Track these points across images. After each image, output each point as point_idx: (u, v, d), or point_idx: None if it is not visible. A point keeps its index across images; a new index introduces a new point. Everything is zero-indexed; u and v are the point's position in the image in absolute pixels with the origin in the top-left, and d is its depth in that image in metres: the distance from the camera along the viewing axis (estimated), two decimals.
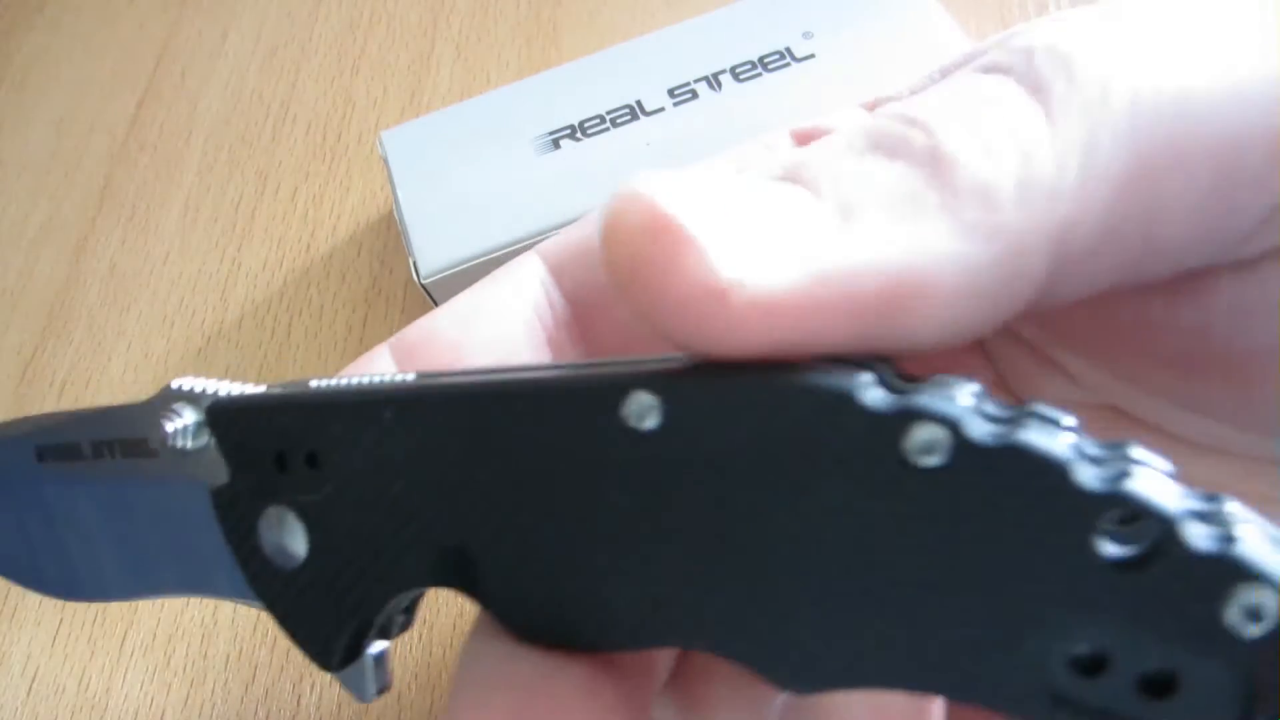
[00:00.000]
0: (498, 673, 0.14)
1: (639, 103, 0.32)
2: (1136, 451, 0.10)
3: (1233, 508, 0.10)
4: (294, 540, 0.15)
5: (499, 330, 0.17)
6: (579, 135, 0.32)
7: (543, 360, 0.17)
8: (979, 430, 0.10)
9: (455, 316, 0.17)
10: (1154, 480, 0.10)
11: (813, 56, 0.32)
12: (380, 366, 0.17)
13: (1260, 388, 0.16)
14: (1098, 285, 0.14)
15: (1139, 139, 0.12)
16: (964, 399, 0.11)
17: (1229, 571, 0.09)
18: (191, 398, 0.16)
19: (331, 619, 0.15)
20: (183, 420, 0.16)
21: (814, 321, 0.11)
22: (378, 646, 0.16)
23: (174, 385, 0.16)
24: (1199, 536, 0.10)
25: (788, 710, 0.12)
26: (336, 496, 0.14)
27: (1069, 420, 0.10)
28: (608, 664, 0.14)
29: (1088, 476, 0.10)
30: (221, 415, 0.16)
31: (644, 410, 0.12)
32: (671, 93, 0.32)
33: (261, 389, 0.15)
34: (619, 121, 0.32)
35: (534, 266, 0.18)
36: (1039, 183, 0.12)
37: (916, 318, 0.11)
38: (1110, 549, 0.10)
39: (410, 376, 0.14)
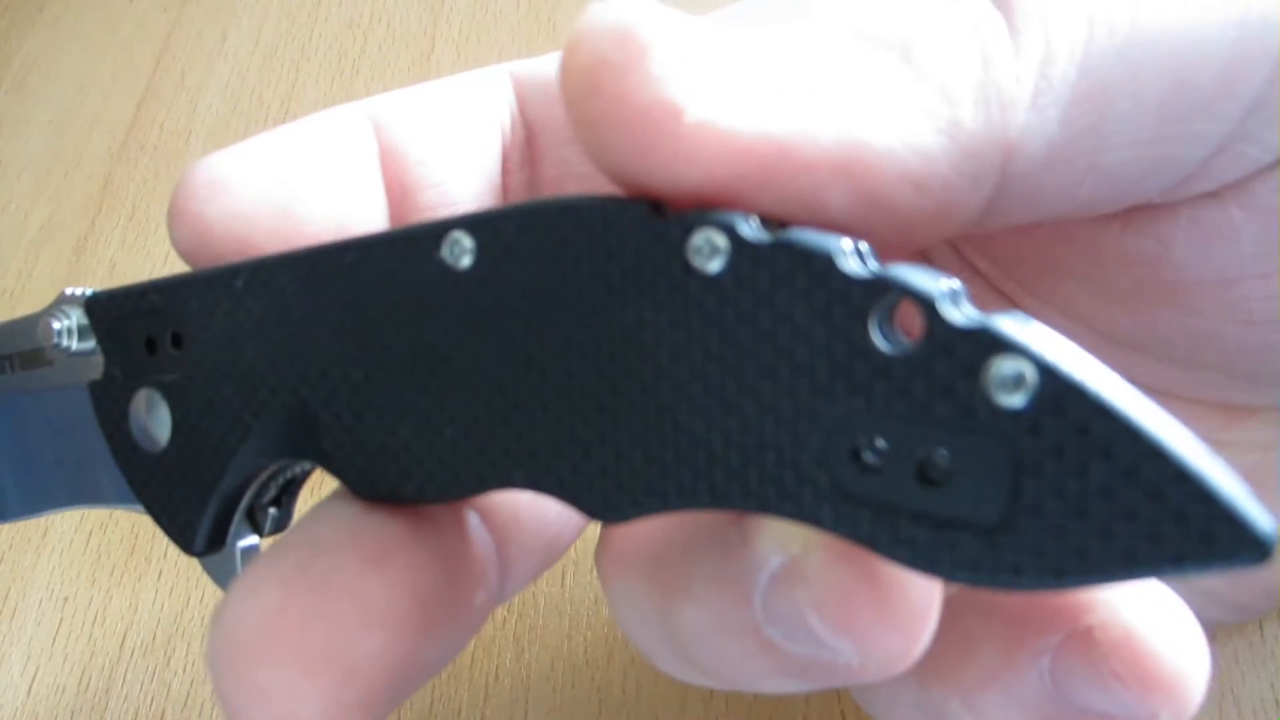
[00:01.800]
0: (302, 534, 0.14)
1: None
2: (921, 268, 0.11)
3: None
4: (159, 421, 0.15)
5: (466, 152, 0.17)
6: None
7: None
8: (755, 231, 0.11)
9: (425, 136, 0.17)
10: (920, 272, 0.10)
11: None
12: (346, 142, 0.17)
13: (1211, 320, 0.16)
14: (1042, 211, 0.14)
15: (1091, 59, 0.12)
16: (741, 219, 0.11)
17: (988, 342, 0.10)
18: (78, 300, 0.16)
19: (194, 499, 0.15)
20: (69, 321, 0.16)
21: (759, 168, 0.11)
22: (247, 540, 0.16)
23: (66, 292, 0.17)
24: (960, 314, 0.10)
25: (770, 590, 0.12)
26: (195, 372, 0.15)
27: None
28: (417, 538, 0.14)
29: (856, 266, 0.10)
30: (97, 306, 0.16)
31: (459, 248, 0.13)
32: None
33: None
34: None
35: (504, 87, 0.18)
36: (996, 89, 0.12)
37: (861, 194, 0.11)
38: (883, 340, 0.10)
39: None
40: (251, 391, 0.15)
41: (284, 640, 0.13)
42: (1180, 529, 0.09)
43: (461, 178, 0.17)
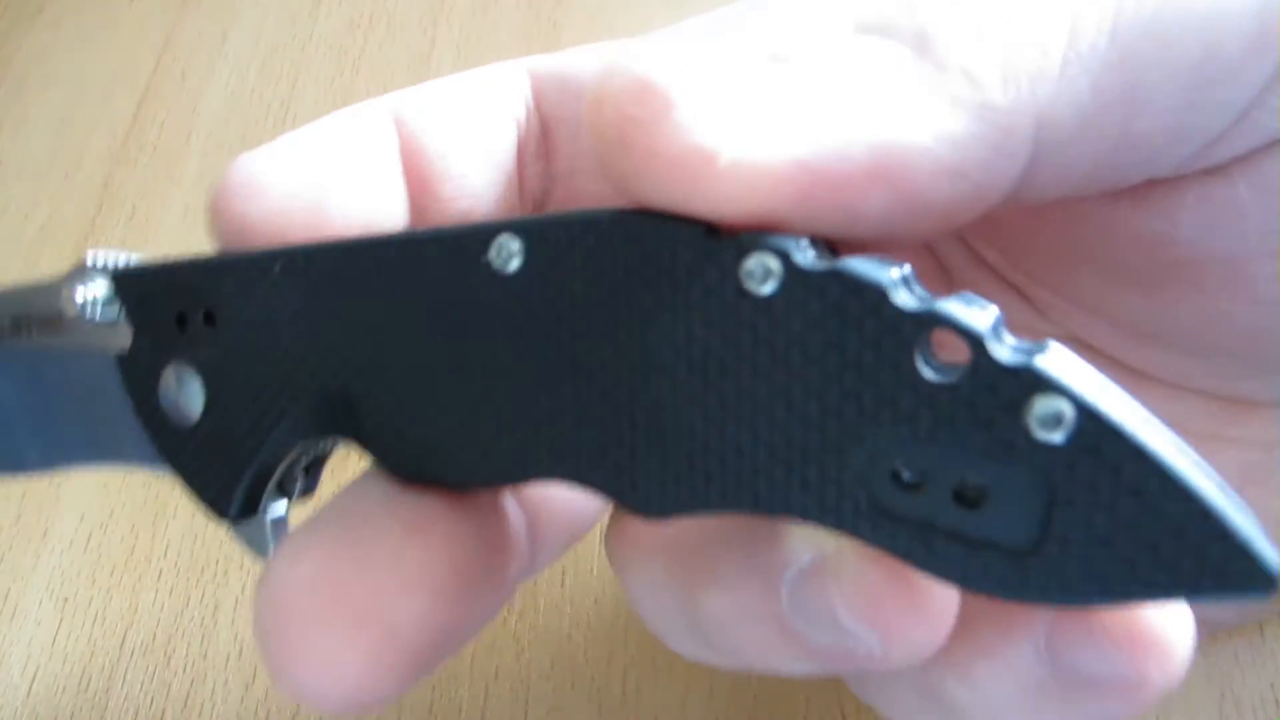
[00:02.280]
0: (343, 505, 0.14)
1: None
2: (962, 297, 0.11)
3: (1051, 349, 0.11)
4: (192, 396, 0.16)
5: (484, 143, 0.18)
6: None
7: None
8: (808, 258, 0.11)
9: (444, 129, 0.17)
10: (968, 306, 0.11)
11: None
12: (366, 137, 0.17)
13: (1224, 300, 0.16)
14: (1073, 182, 0.14)
15: (1121, 27, 0.12)
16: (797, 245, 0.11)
17: (1031, 381, 0.10)
18: (103, 269, 0.17)
19: (228, 470, 0.16)
20: (94, 290, 0.16)
21: (797, 193, 0.11)
22: (278, 509, 0.17)
23: (88, 258, 0.17)
24: (1005, 351, 0.10)
25: (799, 583, 0.13)
26: (230, 351, 0.15)
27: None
28: (455, 512, 0.14)
29: (906, 299, 0.11)
30: (126, 280, 0.16)
31: (508, 253, 0.13)
32: None
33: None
34: None
35: (521, 81, 0.18)
36: (1022, 63, 0.12)
37: (901, 195, 0.12)
38: (929, 370, 0.11)
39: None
40: (289, 374, 0.15)
41: (328, 603, 0.13)
42: (1198, 562, 0.10)
43: (479, 170, 0.18)
